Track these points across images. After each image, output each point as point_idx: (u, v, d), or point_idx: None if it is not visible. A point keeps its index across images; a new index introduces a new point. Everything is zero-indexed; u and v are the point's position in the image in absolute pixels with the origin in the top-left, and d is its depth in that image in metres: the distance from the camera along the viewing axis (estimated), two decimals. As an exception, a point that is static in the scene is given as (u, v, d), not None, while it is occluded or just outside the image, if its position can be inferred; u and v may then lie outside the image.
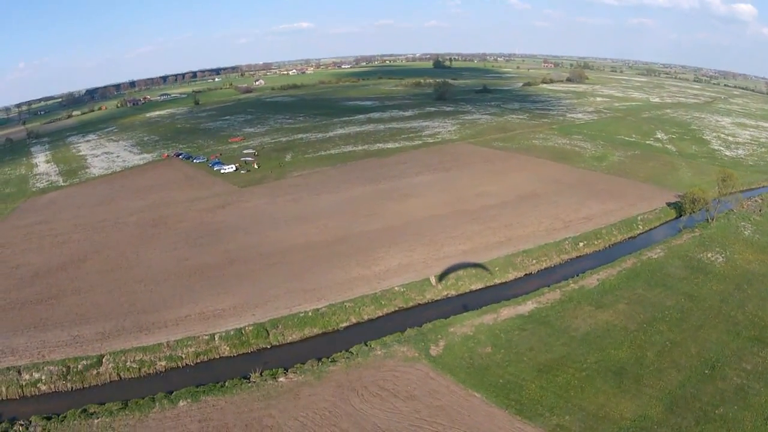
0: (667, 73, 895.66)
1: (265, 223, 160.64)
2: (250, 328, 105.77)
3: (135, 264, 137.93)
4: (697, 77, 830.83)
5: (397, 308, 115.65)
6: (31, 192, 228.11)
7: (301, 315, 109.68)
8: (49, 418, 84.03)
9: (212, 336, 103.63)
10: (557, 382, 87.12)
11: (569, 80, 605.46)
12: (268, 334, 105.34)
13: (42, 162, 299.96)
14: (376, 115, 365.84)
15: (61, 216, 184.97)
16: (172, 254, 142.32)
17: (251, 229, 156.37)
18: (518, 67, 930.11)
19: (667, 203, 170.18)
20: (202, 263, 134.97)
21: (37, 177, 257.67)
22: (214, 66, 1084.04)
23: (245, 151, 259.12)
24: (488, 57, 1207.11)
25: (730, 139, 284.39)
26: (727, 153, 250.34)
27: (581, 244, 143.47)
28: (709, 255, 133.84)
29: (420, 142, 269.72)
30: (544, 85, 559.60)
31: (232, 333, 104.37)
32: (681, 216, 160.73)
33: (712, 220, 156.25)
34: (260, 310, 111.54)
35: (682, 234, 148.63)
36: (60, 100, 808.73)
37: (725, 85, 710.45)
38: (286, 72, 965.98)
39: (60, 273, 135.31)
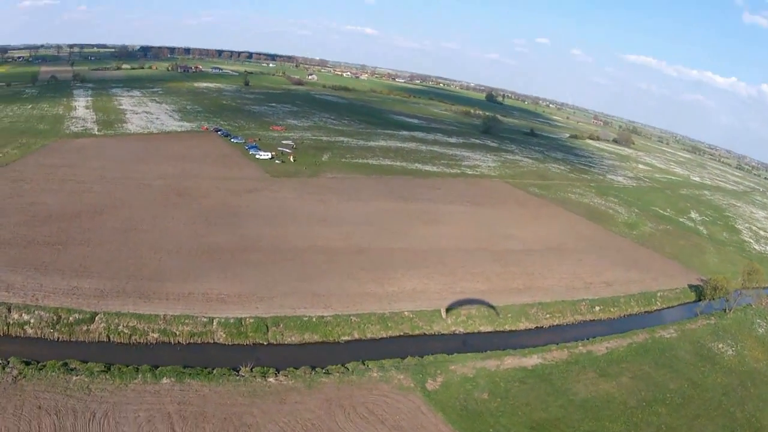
0: (711, 155, 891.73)
1: (288, 218, 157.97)
2: (251, 320, 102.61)
3: (150, 228, 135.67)
4: (740, 164, 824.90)
5: (402, 333, 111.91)
6: (63, 133, 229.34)
7: (305, 319, 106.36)
8: (28, 363, 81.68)
9: (211, 319, 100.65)
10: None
11: (615, 141, 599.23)
12: (268, 330, 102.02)
13: (81, 106, 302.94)
14: (420, 134, 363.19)
15: (88, 164, 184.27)
16: (189, 228, 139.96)
17: (273, 221, 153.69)
18: (568, 118, 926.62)
19: (688, 285, 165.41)
20: (216, 243, 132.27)
21: (73, 120, 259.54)
22: (271, 51, 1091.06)
23: (284, 142, 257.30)
24: (540, 101, 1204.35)
25: (762, 233, 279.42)
26: (756, 247, 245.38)
27: (597, 308, 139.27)
28: (720, 346, 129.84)
29: (458, 171, 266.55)
30: (590, 141, 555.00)
31: (231, 321, 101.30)
32: (700, 300, 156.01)
33: (730, 311, 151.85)
34: (264, 304, 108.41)
35: (698, 319, 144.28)
36: (113, 50, 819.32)
37: (766, 178, 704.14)
38: (340, 72, 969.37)
39: (73, 220, 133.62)
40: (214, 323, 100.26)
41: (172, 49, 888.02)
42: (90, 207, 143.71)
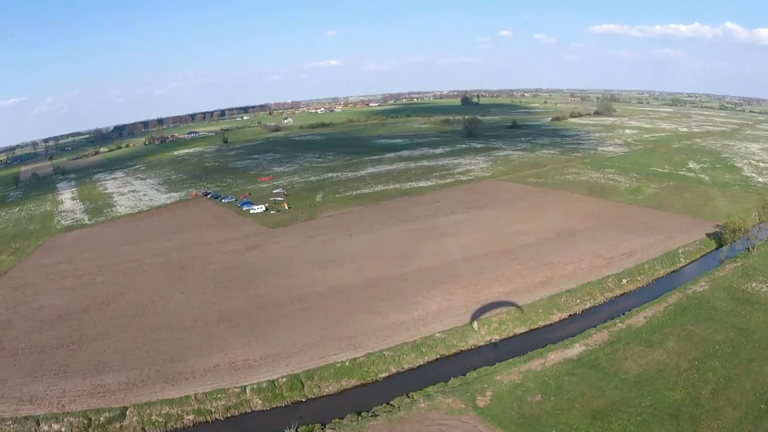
0: (692, 103, 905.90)
1: (297, 266, 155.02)
2: (284, 379, 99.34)
3: (161, 308, 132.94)
4: (722, 105, 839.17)
5: (438, 356, 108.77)
6: (55, 229, 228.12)
7: (338, 365, 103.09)
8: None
9: (243, 388, 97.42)
10: (613, 429, 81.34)
11: (597, 113, 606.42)
12: (303, 386, 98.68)
13: (68, 199, 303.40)
14: (406, 153, 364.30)
15: (86, 255, 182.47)
16: (200, 298, 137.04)
17: (282, 272, 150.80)
18: (545, 102, 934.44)
19: (706, 234, 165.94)
20: (232, 308, 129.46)
21: (63, 214, 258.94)
22: (242, 104, 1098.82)
23: (275, 191, 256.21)
24: (515, 93, 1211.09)
25: (762, 164, 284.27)
26: (760, 179, 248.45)
27: (624, 280, 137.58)
28: (754, 285, 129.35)
29: (452, 180, 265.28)
30: (573, 120, 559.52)
31: (264, 385, 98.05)
32: (721, 246, 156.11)
33: (753, 248, 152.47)
34: (294, 359, 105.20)
35: (725, 265, 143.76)
36: (87, 136, 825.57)
37: (750, 111, 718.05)
38: (314, 110, 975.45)
39: (83, 316, 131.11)
40: (248, 391, 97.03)
41: (145, 123, 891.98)
42: (96, 299, 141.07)
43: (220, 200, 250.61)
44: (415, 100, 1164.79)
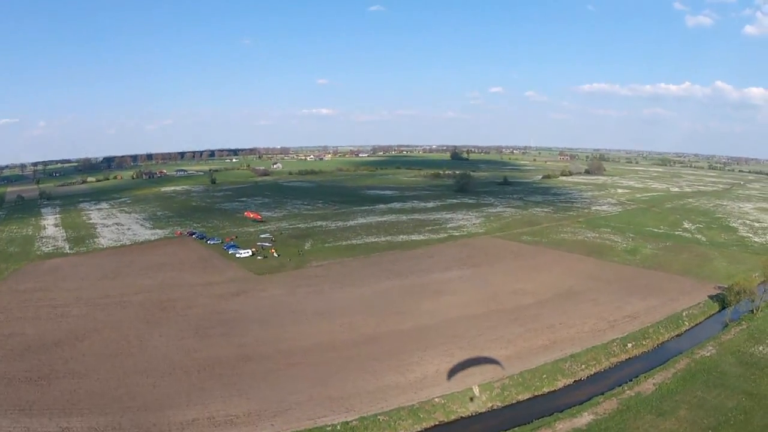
0: (681, 163, 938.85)
1: (285, 317, 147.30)
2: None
3: (137, 350, 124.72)
4: (711, 165, 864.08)
5: (437, 422, 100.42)
6: (35, 255, 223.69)
7: (328, 429, 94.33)
8: None
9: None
10: None
11: (588, 172, 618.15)
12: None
13: (50, 225, 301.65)
14: (397, 205, 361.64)
15: (63, 285, 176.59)
16: (180, 344, 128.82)
17: (269, 322, 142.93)
18: (535, 160, 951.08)
19: (708, 296, 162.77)
20: (213, 357, 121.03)
21: (44, 240, 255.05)
22: (232, 146, 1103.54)
23: (262, 236, 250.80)
24: (504, 149, 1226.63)
25: (756, 224, 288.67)
26: (756, 239, 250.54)
27: (629, 345, 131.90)
28: (761, 348, 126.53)
29: (446, 234, 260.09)
30: (564, 178, 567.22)
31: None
32: (725, 308, 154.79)
33: (758, 310, 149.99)
34: (280, 419, 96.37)
35: (730, 328, 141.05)
36: (76, 164, 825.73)
37: (740, 171, 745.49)
38: (304, 157, 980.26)
39: (54, 350, 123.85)
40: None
41: (134, 157, 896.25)
42: (70, 333, 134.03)
43: (206, 241, 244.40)
44: (404, 152, 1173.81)
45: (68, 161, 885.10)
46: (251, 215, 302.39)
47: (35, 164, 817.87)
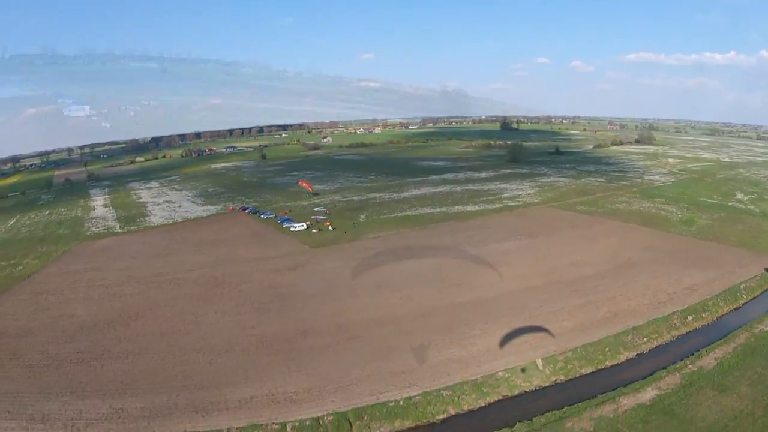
0: (729, 132, 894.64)
1: (342, 290, 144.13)
2: (330, 417, 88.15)
3: (193, 328, 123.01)
4: (759, 135, 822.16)
5: (501, 396, 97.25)
6: (85, 236, 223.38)
7: (391, 404, 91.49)
8: None
9: (283, 425, 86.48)
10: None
11: (638, 142, 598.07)
12: (351, 427, 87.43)
13: (100, 205, 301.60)
14: (450, 176, 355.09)
15: (114, 265, 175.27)
16: (236, 320, 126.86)
17: (326, 296, 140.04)
18: (584, 129, 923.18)
19: (765, 268, 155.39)
20: (271, 333, 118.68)
21: (93, 221, 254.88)
22: (281, 122, 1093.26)
23: (315, 209, 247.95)
24: (553, 119, 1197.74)
25: None
26: None
27: (690, 318, 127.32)
28: None
29: (501, 205, 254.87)
30: (615, 147, 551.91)
31: (307, 423, 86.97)
32: None
33: None
34: (341, 395, 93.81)
35: None
36: (124, 145, 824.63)
37: None
38: (353, 130, 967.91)
39: (107, 330, 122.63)
40: (288, 429, 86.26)
41: (182, 136, 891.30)
42: (122, 313, 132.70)
43: (260, 216, 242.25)
44: (453, 123, 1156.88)
45: (116, 143, 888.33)
46: (304, 184, 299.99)
47: (82, 147, 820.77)
